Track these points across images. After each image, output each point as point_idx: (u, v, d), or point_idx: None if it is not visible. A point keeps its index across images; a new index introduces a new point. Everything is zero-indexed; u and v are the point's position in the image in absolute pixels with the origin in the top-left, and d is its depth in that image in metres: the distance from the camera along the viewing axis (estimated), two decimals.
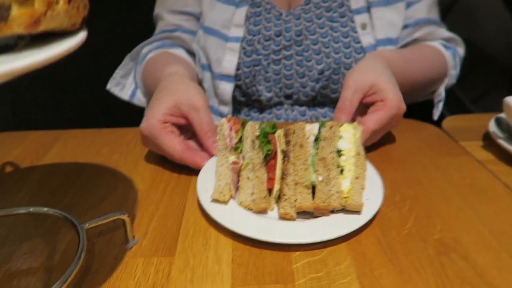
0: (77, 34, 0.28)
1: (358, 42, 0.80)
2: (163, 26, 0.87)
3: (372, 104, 0.61)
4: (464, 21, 1.44)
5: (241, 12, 0.81)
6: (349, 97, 0.60)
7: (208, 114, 0.57)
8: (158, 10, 0.89)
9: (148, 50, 0.84)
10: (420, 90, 0.85)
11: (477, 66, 1.39)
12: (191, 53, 0.87)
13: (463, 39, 1.56)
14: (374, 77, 0.61)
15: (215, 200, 0.49)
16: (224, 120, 0.54)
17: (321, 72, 0.80)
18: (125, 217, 0.43)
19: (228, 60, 0.81)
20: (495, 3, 1.40)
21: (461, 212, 0.50)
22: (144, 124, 0.58)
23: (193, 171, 0.57)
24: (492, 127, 0.65)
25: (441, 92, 0.85)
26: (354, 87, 0.60)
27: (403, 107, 0.61)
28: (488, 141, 0.65)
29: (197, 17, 0.87)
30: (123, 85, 0.88)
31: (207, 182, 0.52)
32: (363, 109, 0.62)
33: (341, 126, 0.52)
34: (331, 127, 0.51)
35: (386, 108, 0.59)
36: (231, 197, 0.50)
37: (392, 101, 0.59)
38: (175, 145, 0.56)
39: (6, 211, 0.44)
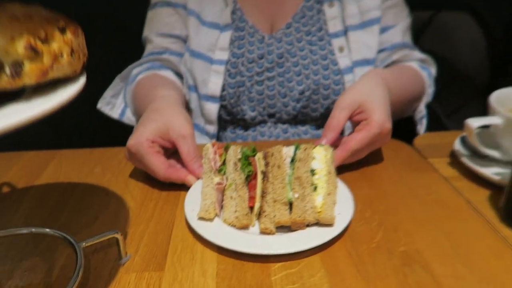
0: (78, 80, 0.33)
1: (336, 64, 0.85)
2: (151, 49, 0.92)
3: (359, 123, 0.66)
4: (440, 39, 1.51)
5: (226, 36, 0.86)
6: (336, 116, 0.64)
7: (194, 143, 0.62)
8: (146, 33, 0.94)
9: (138, 72, 0.88)
10: (408, 107, 0.91)
11: (452, 83, 1.46)
12: (179, 75, 0.91)
13: (438, 57, 1.64)
14: (362, 97, 0.65)
15: (202, 218, 0.53)
16: (209, 144, 0.59)
17: (302, 93, 0.85)
18: (118, 235, 0.47)
19: (214, 82, 0.85)
20: (469, 23, 1.48)
21: (425, 226, 0.55)
22: (132, 141, 0.62)
23: (181, 190, 0.62)
24: (457, 145, 0.70)
25: (422, 109, 0.91)
26: (342, 105, 0.65)
27: (388, 126, 0.65)
28: (454, 158, 0.70)
29: (184, 39, 0.91)
30: (113, 104, 0.92)
31: (194, 202, 0.56)
32: (354, 127, 0.67)
33: (314, 148, 0.57)
34: (305, 149, 0.56)
35: (368, 128, 0.63)
36: (216, 215, 0.54)
37: (375, 121, 0.63)
38: (159, 164, 0.60)
39: (9, 231, 0.48)
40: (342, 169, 0.65)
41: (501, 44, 1.41)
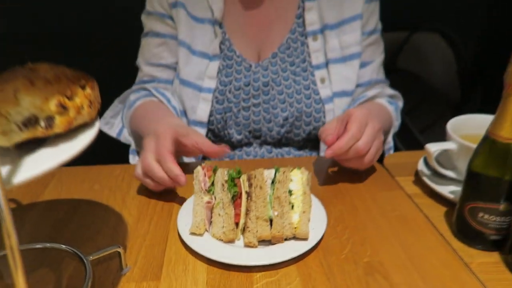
0: (94, 124, 0.40)
1: (318, 93, 0.92)
2: (142, 76, 0.99)
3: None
4: (415, 58, 1.61)
5: (214, 65, 0.92)
6: (333, 124, 0.72)
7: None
8: (138, 60, 1.00)
9: (136, 98, 0.95)
10: None
11: (426, 100, 1.57)
12: (169, 100, 0.97)
13: (414, 75, 1.75)
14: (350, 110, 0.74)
15: (193, 233, 0.60)
16: (199, 167, 0.66)
17: (286, 119, 0.92)
18: (120, 249, 0.54)
19: (202, 109, 0.92)
20: (441, 44, 1.58)
21: (388, 239, 0.63)
22: (150, 155, 0.67)
23: (172, 207, 0.69)
24: (421, 165, 0.79)
25: (389, 140, 0.99)
26: (336, 118, 0.74)
27: (372, 120, 0.72)
28: (418, 176, 0.79)
29: (172, 67, 0.97)
30: (112, 124, 0.99)
31: (186, 218, 0.63)
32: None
33: (291, 171, 0.65)
34: (283, 172, 0.64)
35: (351, 119, 0.70)
36: (206, 230, 0.61)
37: (356, 112, 0.71)
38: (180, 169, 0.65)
39: (25, 246, 0.54)
40: (320, 187, 0.73)
41: (469, 64, 1.52)
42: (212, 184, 0.65)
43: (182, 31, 0.94)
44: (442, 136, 0.79)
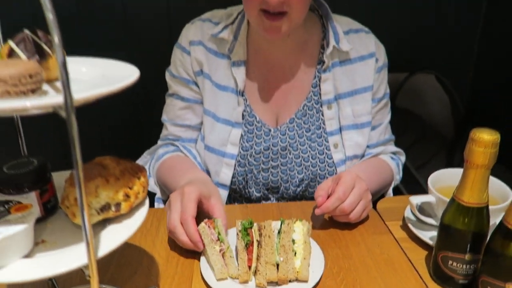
0: (145, 202, 0.54)
1: (331, 158, 1.03)
2: (167, 134, 1.11)
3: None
4: (413, 98, 1.74)
5: (237, 132, 1.01)
6: (327, 184, 0.86)
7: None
8: (164, 117, 1.11)
9: (164, 151, 1.07)
10: (378, 193, 1.09)
11: (423, 138, 1.69)
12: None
13: (411, 113, 1.88)
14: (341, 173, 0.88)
15: (220, 279, 0.73)
16: (203, 224, 0.78)
17: (301, 180, 1.03)
18: None
19: (225, 173, 1.02)
20: (436, 85, 1.72)
21: (375, 280, 0.75)
22: (175, 216, 0.78)
23: (195, 251, 0.82)
24: (407, 212, 0.92)
25: (390, 192, 1.12)
26: (331, 178, 0.88)
27: (359, 183, 0.84)
28: (405, 222, 0.91)
29: (195, 127, 1.08)
30: None
31: (206, 263, 0.77)
32: None
33: (294, 223, 0.79)
34: (288, 224, 0.77)
35: (339, 182, 0.84)
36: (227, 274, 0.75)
37: (344, 176, 0.84)
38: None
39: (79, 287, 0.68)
40: (320, 231, 0.86)
41: (461, 106, 1.64)
42: (219, 233, 0.78)
43: (207, 99, 1.03)
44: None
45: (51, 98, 0.37)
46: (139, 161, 1.14)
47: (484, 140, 0.62)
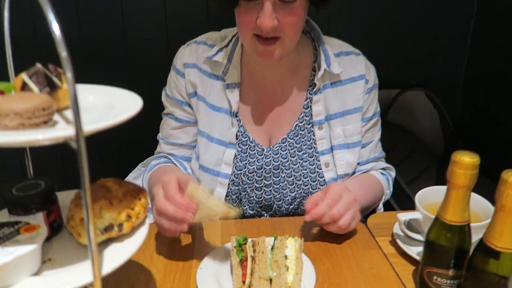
0: (146, 222, 0.57)
1: (322, 176, 1.06)
2: (160, 151, 1.15)
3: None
4: (404, 114, 1.79)
5: (231, 152, 1.04)
6: (318, 195, 0.88)
7: None
8: (159, 134, 1.16)
9: (156, 163, 1.12)
10: (368, 208, 1.12)
11: (413, 152, 1.73)
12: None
13: (403, 128, 1.92)
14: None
15: None
16: (191, 184, 0.79)
17: (294, 198, 1.07)
18: None
19: (219, 192, 1.05)
20: (427, 103, 1.77)
21: None
22: (160, 197, 0.79)
23: (191, 264, 0.85)
24: (396, 228, 0.95)
25: (380, 207, 1.15)
26: (321, 191, 0.91)
27: (347, 193, 0.87)
28: (393, 237, 0.95)
29: (189, 146, 1.11)
30: None
31: (203, 278, 0.80)
32: None
33: (287, 239, 0.82)
34: (281, 240, 0.81)
35: (328, 191, 0.87)
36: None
37: (333, 187, 0.87)
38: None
39: None
40: (311, 246, 0.89)
41: (450, 122, 1.69)
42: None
43: (202, 120, 1.06)
44: (427, 187, 0.92)
45: (63, 131, 0.40)
46: (133, 173, 1.16)
47: (465, 163, 0.66)
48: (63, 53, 0.39)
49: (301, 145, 1.06)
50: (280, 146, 1.06)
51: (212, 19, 1.60)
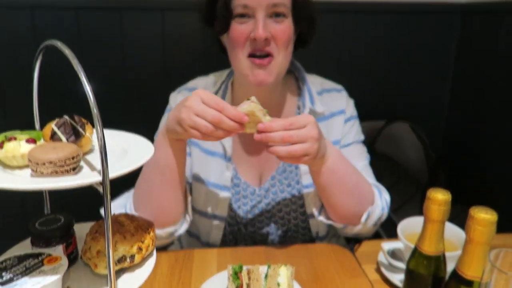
0: (154, 253, 0.64)
1: (311, 211, 1.09)
2: None
3: None
4: (390, 144, 1.88)
5: (226, 195, 1.07)
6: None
7: None
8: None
9: None
10: (349, 202, 1.02)
11: (399, 181, 1.82)
12: None
13: (389, 158, 2.02)
14: None
15: None
16: (246, 101, 0.83)
17: (285, 232, 1.12)
18: None
19: (215, 234, 1.09)
20: (410, 134, 1.86)
21: None
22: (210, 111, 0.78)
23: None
24: (380, 257, 1.02)
25: (374, 219, 1.06)
26: None
27: (315, 127, 0.83)
28: (378, 265, 1.02)
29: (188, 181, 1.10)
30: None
31: None
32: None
33: (280, 267, 0.89)
34: (274, 268, 0.87)
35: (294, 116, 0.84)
36: None
37: (302, 115, 0.85)
38: None
39: None
40: (302, 273, 0.96)
41: (433, 153, 1.79)
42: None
43: (196, 165, 1.09)
44: (411, 215, 0.98)
45: (92, 178, 0.48)
46: (121, 199, 1.07)
47: (438, 199, 0.75)
48: (95, 111, 0.47)
49: (289, 181, 1.10)
50: (270, 183, 1.10)
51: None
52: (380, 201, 1.09)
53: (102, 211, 0.72)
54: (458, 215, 1.08)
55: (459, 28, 1.80)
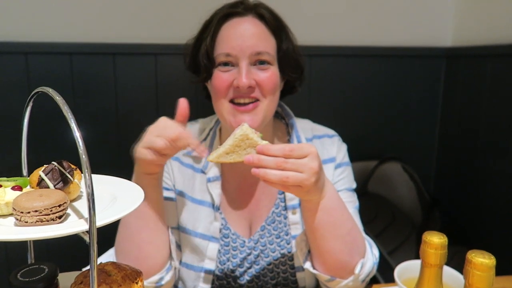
0: None
1: (299, 263, 1.03)
2: None
3: None
4: (383, 184, 1.88)
5: (214, 247, 1.03)
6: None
7: None
8: None
9: None
10: (339, 244, 0.92)
11: (393, 222, 1.80)
12: None
13: (382, 198, 2.01)
14: None
15: None
16: (244, 125, 0.81)
17: (275, 286, 1.07)
18: None
19: (202, 287, 1.03)
20: (402, 174, 1.87)
21: None
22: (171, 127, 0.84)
23: None
24: None
25: (366, 273, 0.97)
26: None
27: (314, 151, 0.78)
28: None
29: (174, 227, 1.05)
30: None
31: None
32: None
33: None
34: None
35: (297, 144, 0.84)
36: None
37: (306, 143, 0.86)
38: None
39: None
40: None
41: (426, 193, 1.78)
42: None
43: (183, 216, 1.05)
44: (408, 257, 0.95)
45: (78, 227, 0.46)
46: (106, 256, 1.02)
47: (435, 243, 0.73)
48: (83, 157, 0.46)
49: (278, 232, 1.06)
50: (260, 234, 1.06)
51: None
52: (371, 255, 1.02)
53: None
54: (454, 257, 1.07)
55: (445, 71, 1.85)
